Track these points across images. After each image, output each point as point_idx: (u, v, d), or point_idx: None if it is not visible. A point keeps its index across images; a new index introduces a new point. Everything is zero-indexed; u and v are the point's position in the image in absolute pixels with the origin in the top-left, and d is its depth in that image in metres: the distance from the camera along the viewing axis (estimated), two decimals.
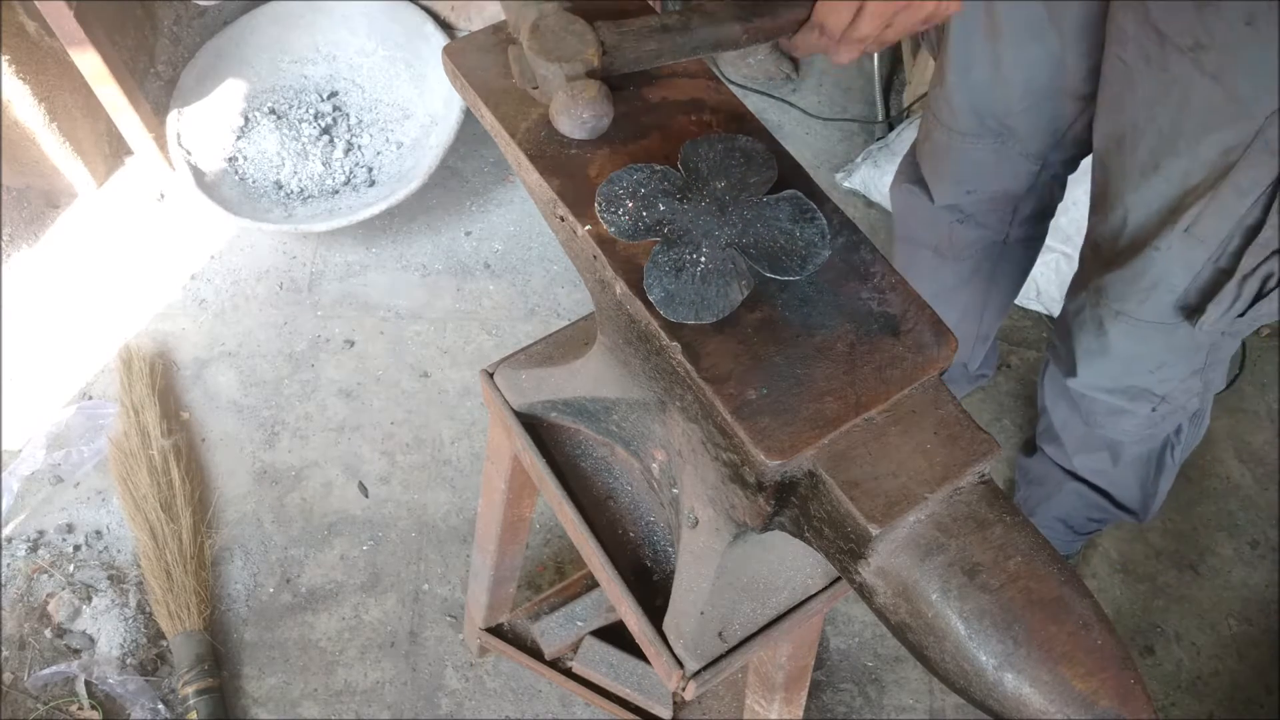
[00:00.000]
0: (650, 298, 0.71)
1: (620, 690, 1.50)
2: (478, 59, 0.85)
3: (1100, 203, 1.26)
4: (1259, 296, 1.15)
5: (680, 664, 0.90)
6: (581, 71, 0.75)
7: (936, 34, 1.38)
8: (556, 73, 0.75)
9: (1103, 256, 1.27)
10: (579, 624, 1.53)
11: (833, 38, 0.79)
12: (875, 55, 2.44)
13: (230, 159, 2.19)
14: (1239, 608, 1.88)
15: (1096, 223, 1.28)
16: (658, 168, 0.76)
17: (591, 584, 1.58)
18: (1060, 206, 1.94)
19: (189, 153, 2.14)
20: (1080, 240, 1.97)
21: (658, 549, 1.00)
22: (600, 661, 1.50)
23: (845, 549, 0.69)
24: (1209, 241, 1.13)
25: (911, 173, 1.58)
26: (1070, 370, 1.42)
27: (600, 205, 0.74)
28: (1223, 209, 1.09)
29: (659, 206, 0.74)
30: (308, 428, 2.02)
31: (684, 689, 0.90)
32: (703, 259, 0.72)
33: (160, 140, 2.15)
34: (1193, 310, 1.21)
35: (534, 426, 1.04)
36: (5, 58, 1.93)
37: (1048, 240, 1.99)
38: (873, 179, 2.26)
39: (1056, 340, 1.46)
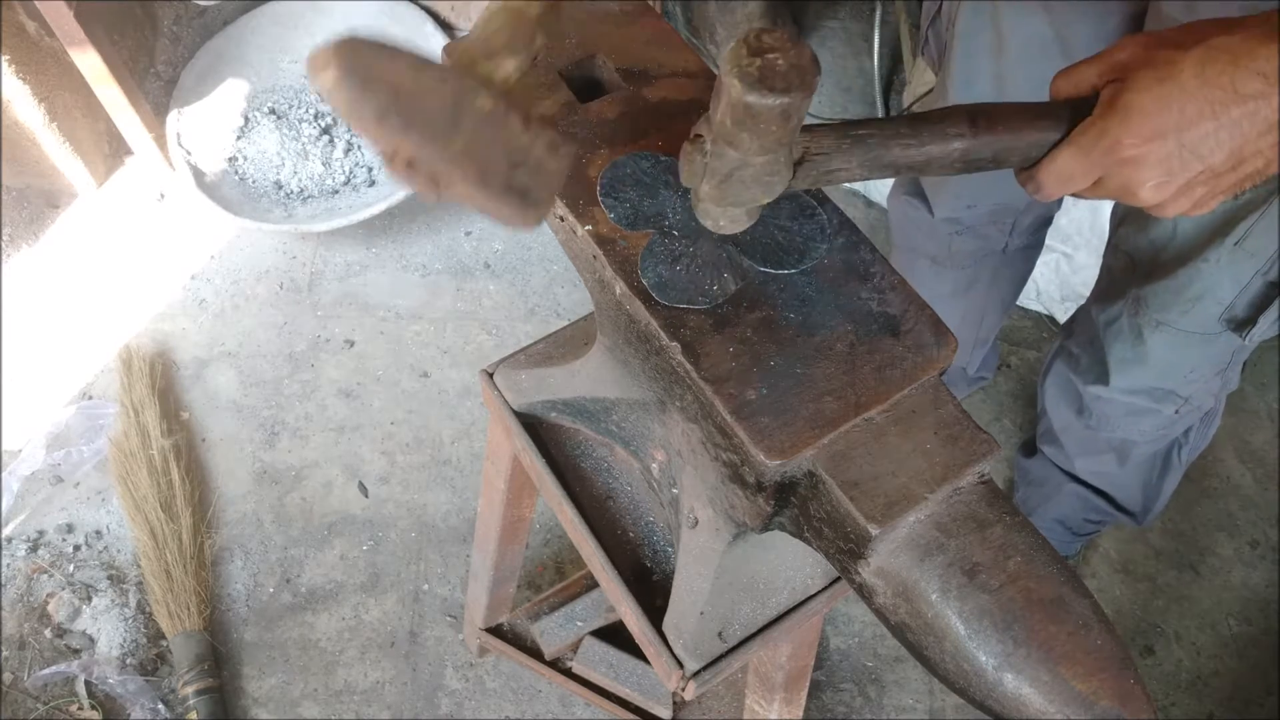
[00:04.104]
0: (644, 281, 0.71)
1: (620, 690, 1.50)
2: None
3: (1139, 215, 1.25)
4: None
5: (680, 664, 0.90)
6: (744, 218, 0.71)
7: (938, 49, 1.37)
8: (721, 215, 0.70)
9: (1141, 267, 1.27)
10: (579, 624, 1.53)
11: (1045, 197, 0.72)
12: (876, 55, 2.44)
13: (230, 159, 2.19)
14: (1239, 608, 1.88)
15: (1131, 234, 1.27)
16: (663, 158, 0.76)
17: (591, 584, 1.58)
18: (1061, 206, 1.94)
19: (189, 153, 2.14)
20: (1080, 240, 1.98)
21: (658, 549, 1.00)
22: (600, 661, 1.50)
23: (845, 549, 0.69)
24: (1259, 255, 1.14)
25: (910, 185, 1.57)
26: (1099, 378, 1.41)
27: (602, 190, 0.74)
28: (1274, 223, 1.10)
29: (660, 197, 0.74)
30: (308, 428, 2.02)
31: (684, 689, 0.90)
32: (699, 252, 0.72)
33: (160, 140, 2.15)
34: (1242, 323, 1.22)
35: (534, 426, 1.04)
36: (5, 58, 1.93)
37: (1048, 240, 1.98)
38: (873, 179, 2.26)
39: (1075, 348, 1.45)
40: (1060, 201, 1.55)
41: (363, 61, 0.56)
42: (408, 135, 0.58)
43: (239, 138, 2.21)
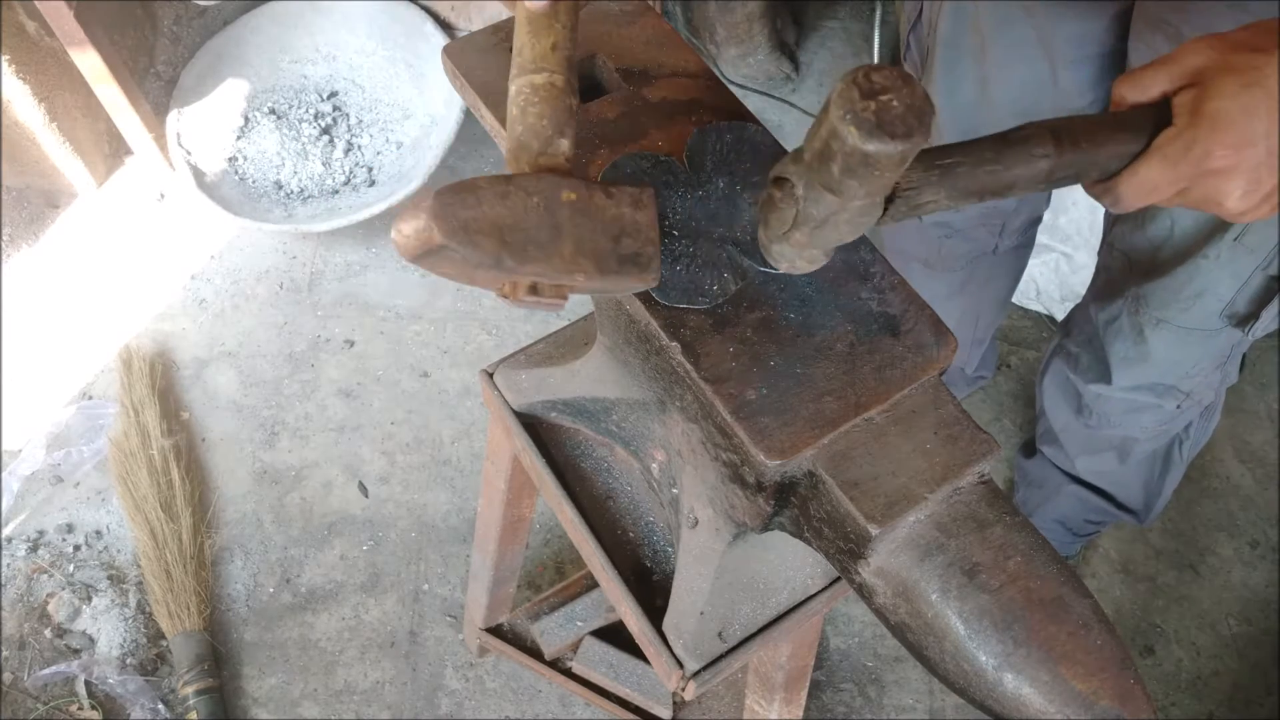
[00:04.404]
0: None
1: (620, 690, 1.50)
2: (478, 59, 0.85)
3: (1135, 213, 1.25)
4: None
5: (680, 664, 0.90)
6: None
7: (920, 56, 1.37)
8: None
9: (1139, 266, 1.27)
10: (579, 624, 1.53)
11: (1124, 208, 0.70)
12: (876, 56, 2.44)
13: (230, 159, 2.19)
14: (1239, 608, 1.88)
15: (1128, 232, 1.27)
16: (662, 158, 0.76)
17: (591, 584, 1.58)
18: (1060, 206, 1.94)
19: (189, 153, 2.14)
20: (1080, 240, 1.98)
21: (658, 549, 1.00)
22: (600, 661, 1.50)
23: (845, 549, 0.69)
24: (1259, 250, 1.13)
25: None
26: (1100, 377, 1.41)
27: None
28: (1273, 218, 1.09)
29: (660, 197, 0.74)
30: (308, 428, 2.02)
31: (684, 689, 0.90)
32: (699, 252, 0.72)
33: (160, 140, 2.15)
34: (1243, 318, 1.22)
35: (534, 426, 1.04)
36: (5, 58, 1.93)
37: (1048, 240, 1.99)
38: None
39: (1075, 347, 1.45)
40: (1049, 200, 1.54)
41: (459, 216, 0.56)
42: (525, 266, 0.58)
43: (239, 138, 2.21)
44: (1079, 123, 0.67)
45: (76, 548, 1.87)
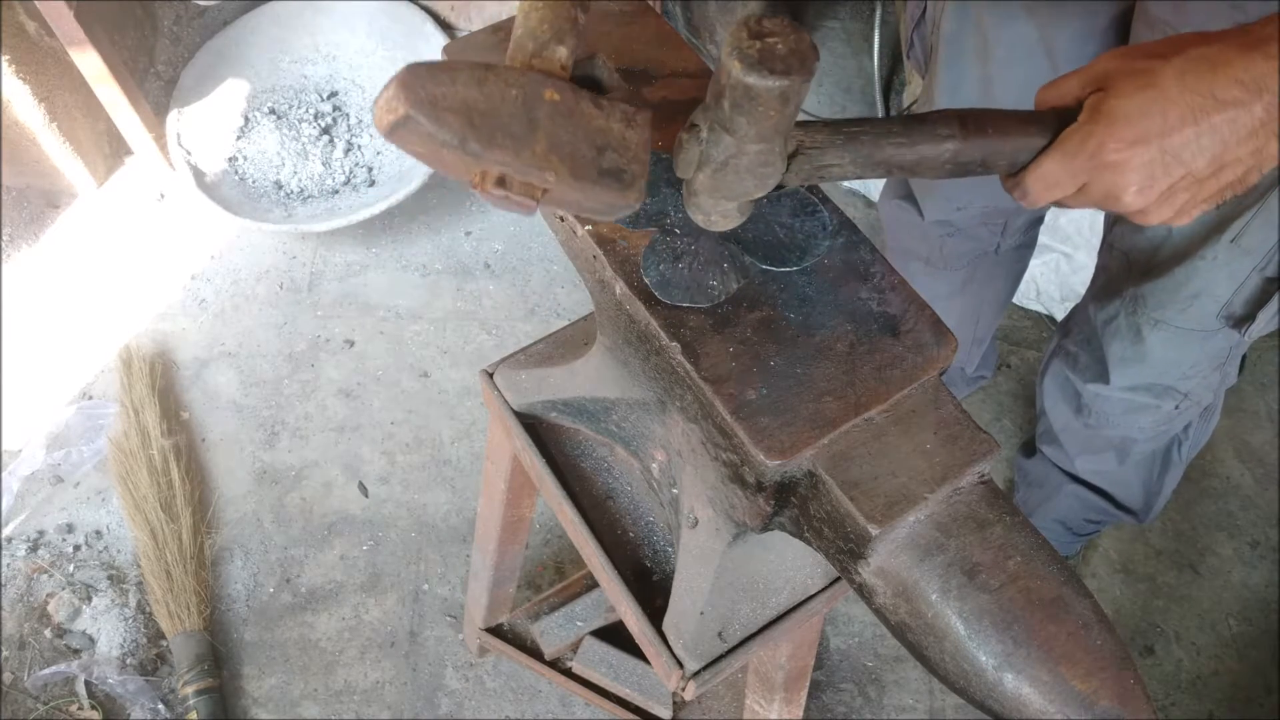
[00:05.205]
0: (646, 279, 0.71)
1: (620, 690, 1.50)
2: (478, 59, 0.85)
3: None
4: None
5: (680, 664, 0.90)
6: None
7: (924, 54, 1.36)
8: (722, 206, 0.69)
9: (1137, 266, 1.27)
10: (579, 624, 1.53)
11: (1032, 203, 0.73)
12: (875, 55, 2.44)
13: (230, 159, 2.19)
14: (1239, 608, 1.88)
15: (1127, 232, 1.28)
16: (664, 155, 0.76)
17: (591, 584, 1.58)
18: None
19: (189, 153, 2.14)
20: (1080, 240, 1.98)
21: (658, 549, 1.00)
22: (600, 661, 1.50)
23: (845, 549, 0.69)
24: (1255, 252, 1.14)
25: (899, 188, 1.56)
26: (1098, 376, 1.41)
27: None
28: (1270, 219, 1.10)
29: (661, 195, 0.74)
30: (308, 428, 2.02)
31: (684, 689, 0.90)
32: (701, 249, 0.72)
33: (160, 140, 2.15)
34: (1240, 319, 1.23)
35: (534, 426, 1.04)
36: (5, 58, 1.93)
37: (1048, 240, 1.99)
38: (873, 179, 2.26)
39: (1073, 347, 1.45)
40: None
41: (428, 90, 0.56)
42: (491, 152, 0.57)
43: (239, 138, 2.21)
44: (990, 113, 0.70)
45: (76, 548, 1.87)
